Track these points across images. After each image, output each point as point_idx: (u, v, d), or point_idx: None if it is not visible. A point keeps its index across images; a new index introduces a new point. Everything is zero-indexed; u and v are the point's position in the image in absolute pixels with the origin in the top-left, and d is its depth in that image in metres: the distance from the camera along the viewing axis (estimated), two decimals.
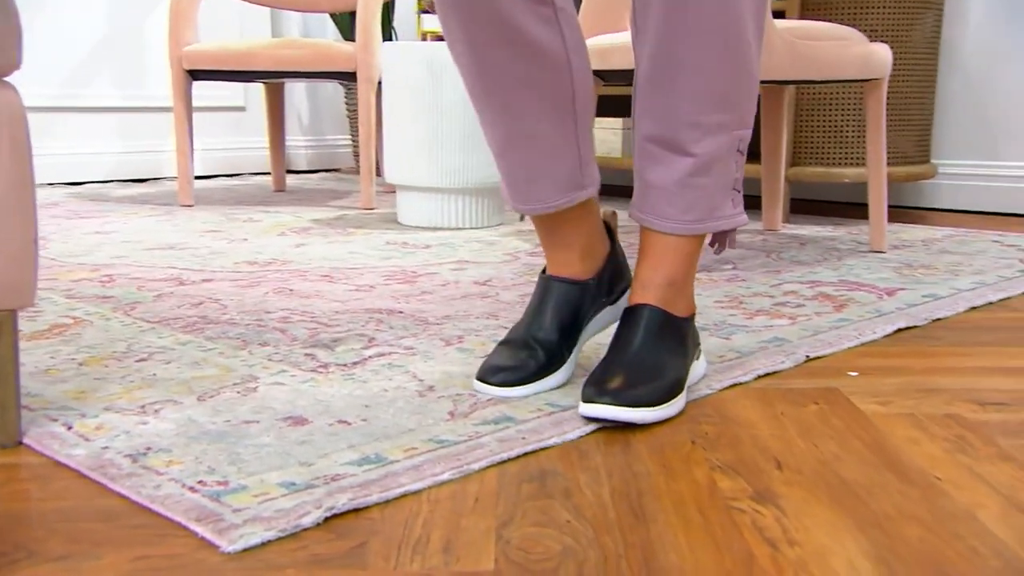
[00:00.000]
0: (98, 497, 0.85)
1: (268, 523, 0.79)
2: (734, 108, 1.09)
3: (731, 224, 1.15)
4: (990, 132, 2.89)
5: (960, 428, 1.05)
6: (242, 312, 1.52)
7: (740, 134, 1.12)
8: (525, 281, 1.79)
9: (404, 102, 2.44)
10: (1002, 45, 2.84)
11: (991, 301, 1.69)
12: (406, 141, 2.45)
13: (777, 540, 0.78)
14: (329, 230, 2.44)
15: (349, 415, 1.05)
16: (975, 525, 0.82)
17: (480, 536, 0.79)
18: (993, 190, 2.90)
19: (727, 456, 0.97)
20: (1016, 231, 2.53)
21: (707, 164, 1.11)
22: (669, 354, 1.10)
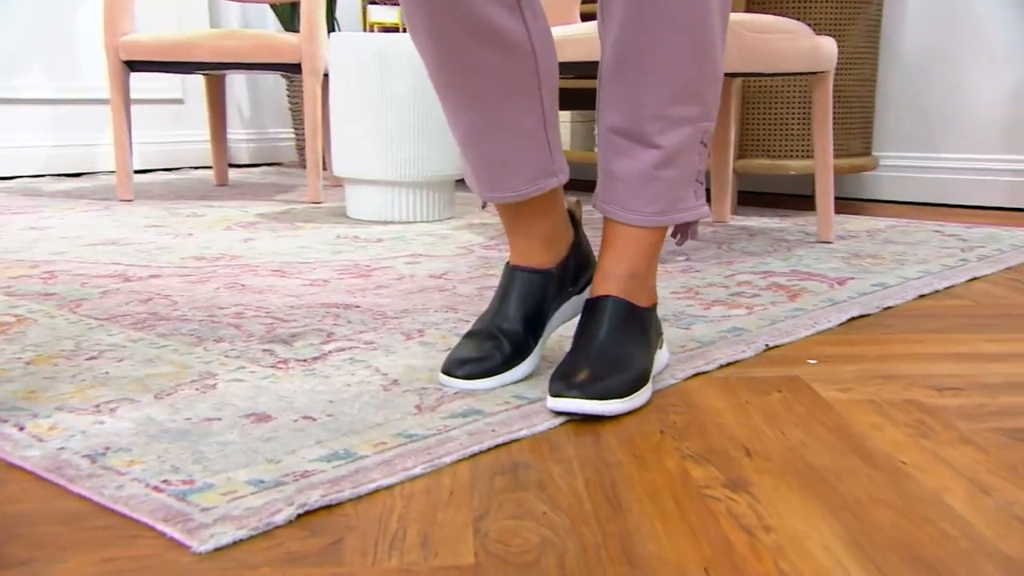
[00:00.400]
0: (58, 499, 0.83)
1: (239, 522, 0.77)
2: (699, 100, 1.09)
3: (694, 216, 1.15)
4: (928, 125, 2.95)
5: (920, 413, 1.07)
6: (194, 308, 1.49)
7: (705, 126, 1.12)
8: (481, 274, 1.78)
9: (353, 94, 2.41)
10: (938, 42, 2.90)
11: (937, 289, 1.72)
12: (355, 134, 2.42)
13: (753, 527, 0.79)
14: (277, 224, 2.40)
15: (313, 411, 1.03)
16: (943, 508, 0.83)
17: (457, 530, 0.78)
18: (931, 182, 2.96)
19: (696, 445, 0.97)
20: (954, 221, 2.59)
21: (672, 156, 1.11)
22: (634, 345, 1.11)
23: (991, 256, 2.05)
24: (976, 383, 1.18)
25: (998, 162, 2.86)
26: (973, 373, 1.22)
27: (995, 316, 1.53)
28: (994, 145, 2.86)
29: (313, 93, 2.85)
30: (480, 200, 1.22)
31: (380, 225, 2.40)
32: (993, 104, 2.84)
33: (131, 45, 2.83)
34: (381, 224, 2.42)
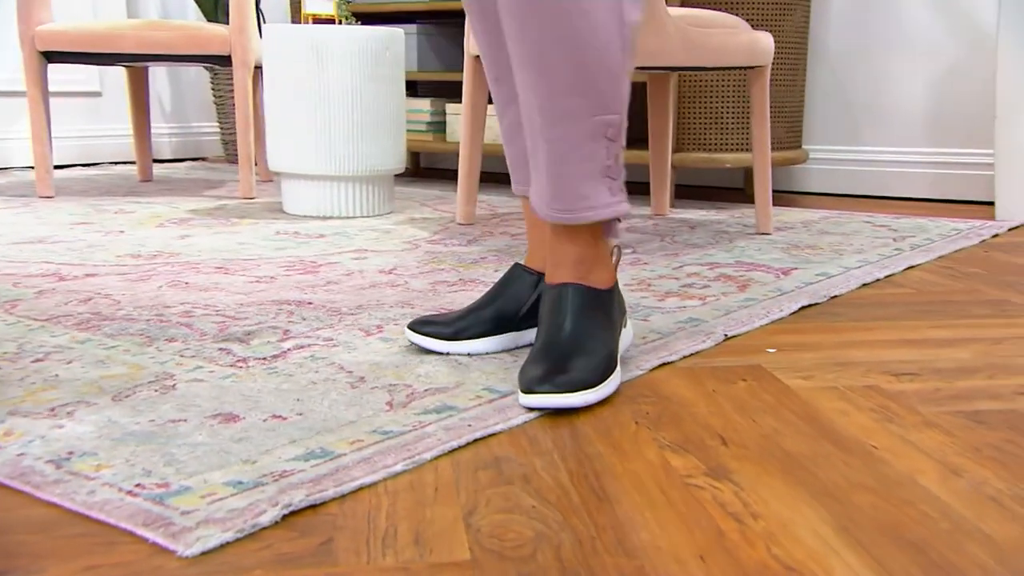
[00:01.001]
0: (24, 507, 0.80)
1: (223, 524, 0.75)
2: (586, 93, 1.05)
3: (607, 214, 1.10)
4: (854, 120, 3.02)
5: (882, 398, 1.10)
6: (138, 307, 1.45)
7: (602, 120, 1.07)
8: (431, 269, 1.77)
9: (290, 88, 2.37)
10: (860, 38, 2.97)
11: (878, 278, 1.76)
12: (292, 128, 2.38)
13: (741, 514, 0.80)
14: (212, 221, 2.35)
15: (282, 409, 1.01)
16: (919, 490, 0.85)
17: (448, 526, 0.77)
18: (858, 174, 3.03)
19: (672, 435, 0.98)
20: (882, 212, 2.66)
21: (564, 152, 1.08)
22: (598, 330, 1.10)
23: (923, 246, 2.11)
24: (930, 368, 1.21)
25: (921, 155, 2.95)
26: (925, 359, 1.25)
27: (936, 303, 1.57)
28: (917, 139, 2.95)
29: (244, 86, 2.79)
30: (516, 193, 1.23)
31: (319, 220, 2.37)
32: (916, 99, 2.93)
33: (49, 35, 2.74)
34: (320, 219, 2.38)
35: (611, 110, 1.07)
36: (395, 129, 2.45)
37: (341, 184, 2.40)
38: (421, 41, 3.28)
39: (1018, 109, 2.45)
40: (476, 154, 2.31)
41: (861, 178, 3.03)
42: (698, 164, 2.71)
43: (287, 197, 2.47)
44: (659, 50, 1.89)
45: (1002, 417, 1.03)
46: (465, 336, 1.21)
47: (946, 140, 2.90)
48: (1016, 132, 2.46)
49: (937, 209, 2.74)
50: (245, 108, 2.80)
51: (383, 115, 2.41)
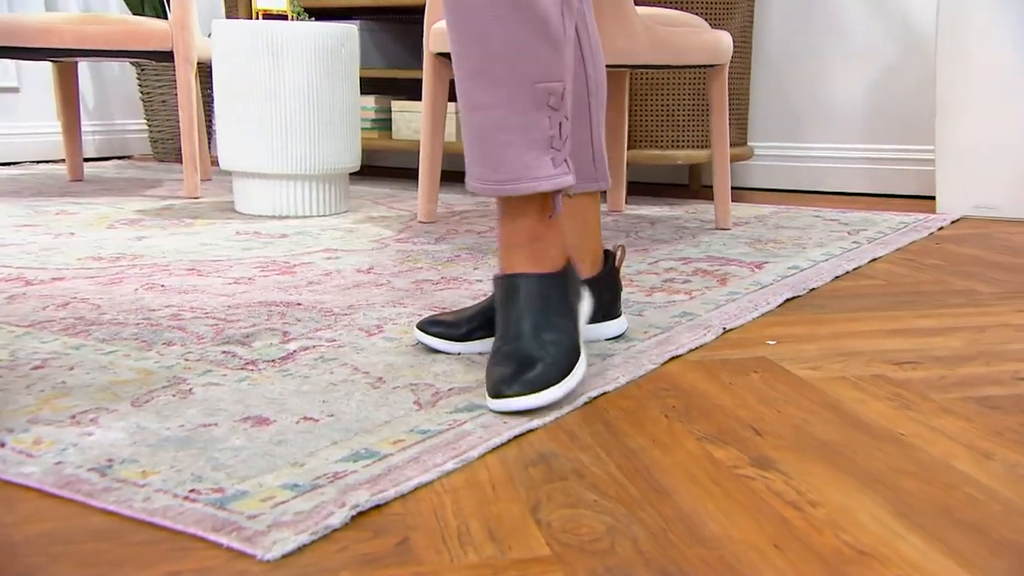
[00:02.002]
0: (80, 516, 0.78)
1: (295, 527, 0.75)
2: (526, 57, 1.03)
3: (551, 185, 1.07)
4: (796, 117, 3.10)
5: (892, 387, 1.14)
6: (122, 311, 1.42)
7: (545, 87, 1.04)
8: (409, 268, 1.76)
9: (242, 85, 2.34)
10: (801, 38, 3.05)
11: (848, 270, 1.82)
12: (246, 126, 2.34)
13: (799, 503, 0.82)
14: (164, 221, 2.30)
15: (311, 411, 1.01)
16: (957, 474, 0.89)
17: (518, 522, 0.78)
18: (800, 170, 3.12)
19: (705, 427, 1.00)
20: (827, 207, 2.74)
21: (503, 118, 1.05)
22: (556, 318, 1.08)
23: (878, 239, 2.18)
24: (928, 357, 1.26)
25: (859, 151, 3.04)
26: (920, 348, 1.30)
27: (909, 294, 1.63)
28: (856, 135, 3.04)
29: (188, 83, 2.74)
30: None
31: (276, 220, 2.34)
32: (854, 97, 3.02)
33: None
34: (276, 219, 2.35)
35: (552, 76, 1.05)
36: (351, 127, 2.44)
37: (297, 183, 2.37)
38: (364, 37, 3.26)
39: (957, 107, 2.55)
40: (437, 152, 2.30)
41: (802, 174, 3.12)
42: (651, 161, 2.76)
43: (240, 196, 2.44)
44: (627, 48, 1.92)
45: (1012, 402, 1.08)
46: (477, 336, 1.21)
47: (884, 137, 3.00)
48: (956, 129, 2.56)
49: (878, 203, 2.83)
50: (189, 106, 2.75)
51: (339, 113, 2.39)
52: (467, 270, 1.75)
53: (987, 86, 2.50)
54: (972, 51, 2.50)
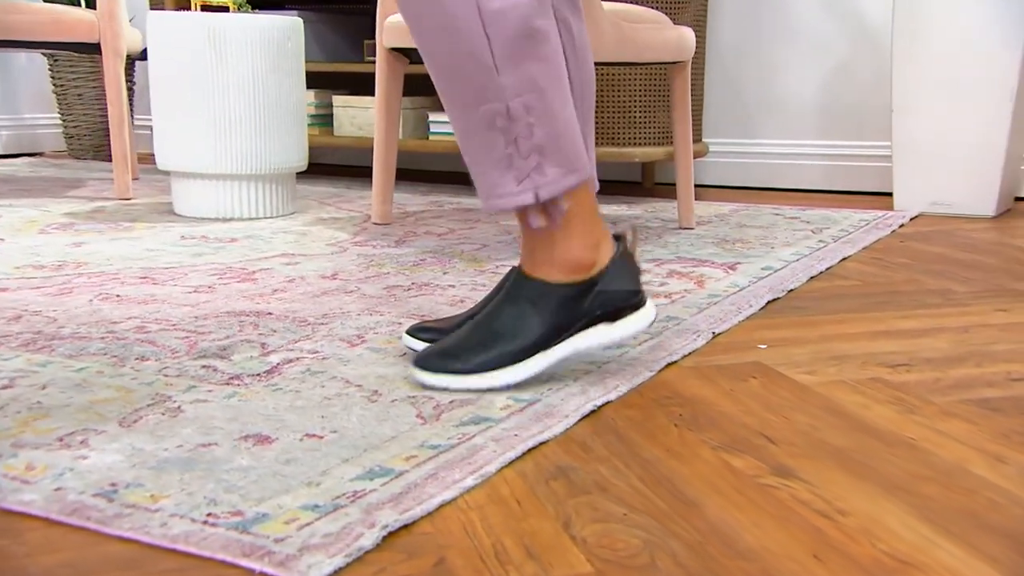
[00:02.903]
0: (95, 544, 0.77)
1: (326, 550, 0.75)
2: (462, 84, 1.09)
3: (511, 204, 1.12)
4: (749, 113, 3.17)
5: (890, 390, 1.18)
6: (82, 324, 1.40)
7: (488, 108, 1.09)
8: (375, 274, 1.77)
9: (182, 80, 2.31)
10: (753, 33, 3.12)
11: (821, 270, 1.87)
12: (186, 124, 2.32)
13: (827, 512, 0.85)
14: (99, 225, 2.26)
15: (311, 428, 1.01)
16: (975, 479, 0.93)
17: (552, 539, 0.80)
18: (754, 166, 3.18)
19: (717, 436, 1.03)
20: (785, 204, 2.80)
21: (463, 141, 1.13)
22: (513, 320, 1.14)
23: (842, 237, 2.25)
24: (919, 359, 1.31)
25: (814, 147, 3.12)
26: (909, 349, 1.35)
27: (886, 294, 1.69)
28: (809, 131, 3.12)
29: (117, 77, 2.69)
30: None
31: (220, 223, 2.31)
32: (807, 93, 3.10)
33: None
34: (221, 222, 2.33)
35: (491, 98, 1.08)
36: (297, 124, 2.42)
37: (243, 184, 2.35)
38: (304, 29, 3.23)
39: (913, 103, 2.64)
40: (391, 151, 2.31)
41: (757, 170, 3.19)
42: (607, 159, 2.79)
43: (179, 198, 2.40)
44: (595, 47, 1.94)
45: (1011, 403, 1.13)
46: None
47: (838, 133, 3.08)
48: (912, 125, 2.65)
49: (835, 200, 2.91)
50: (119, 101, 2.70)
51: (285, 109, 2.38)
52: (436, 275, 1.76)
53: (942, 82, 2.59)
54: (928, 46, 2.59)
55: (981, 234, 2.32)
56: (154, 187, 2.99)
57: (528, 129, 1.10)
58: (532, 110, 1.10)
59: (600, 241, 1.17)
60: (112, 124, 2.70)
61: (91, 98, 3.87)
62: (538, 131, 1.10)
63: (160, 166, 2.41)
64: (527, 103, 1.09)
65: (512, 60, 1.08)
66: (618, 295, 1.17)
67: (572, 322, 1.16)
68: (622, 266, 1.19)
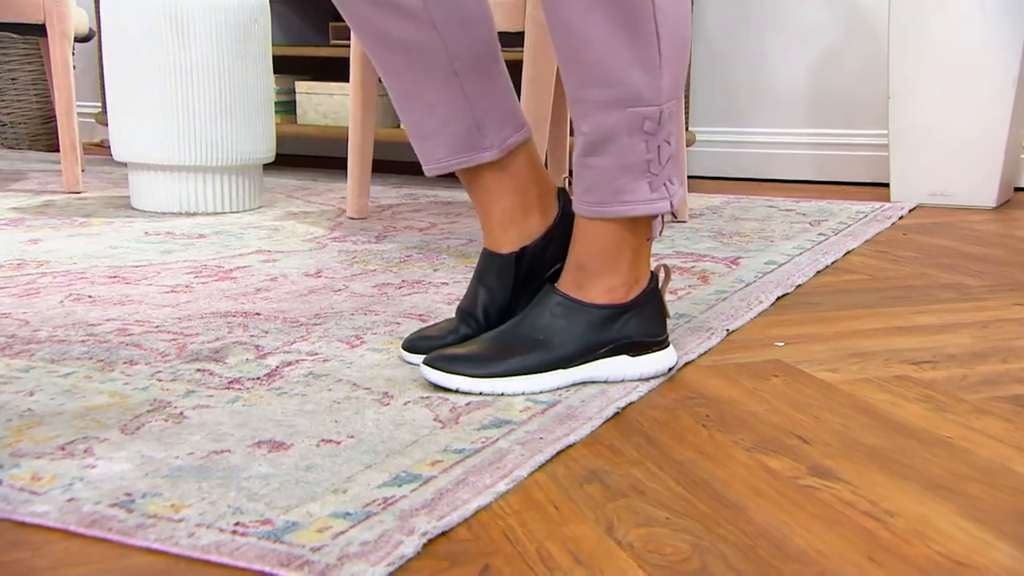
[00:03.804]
0: (120, 557, 0.79)
1: (367, 558, 0.77)
2: (618, 83, 1.10)
3: (645, 211, 1.15)
4: (737, 101, 3.22)
5: (920, 388, 1.22)
6: (58, 327, 1.40)
7: (640, 111, 1.11)
8: (361, 271, 1.78)
9: (141, 65, 2.30)
10: (740, 17, 3.17)
11: (826, 264, 1.92)
12: (145, 112, 2.31)
13: (875, 513, 0.89)
14: (52, 221, 2.25)
15: (326, 433, 1.02)
16: (1019, 478, 0.97)
17: (597, 544, 0.82)
18: (741, 156, 3.23)
19: (748, 436, 1.06)
20: (778, 196, 2.85)
21: (598, 143, 1.13)
22: (544, 332, 1.17)
23: (842, 230, 2.30)
24: (942, 355, 1.35)
25: (805, 135, 3.18)
26: (931, 346, 1.39)
27: (898, 289, 1.73)
28: (800, 119, 3.18)
29: (64, 60, 2.68)
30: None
31: (184, 218, 2.31)
32: (796, 79, 3.15)
33: None
34: (184, 216, 2.33)
35: (647, 100, 1.11)
36: (265, 113, 2.43)
37: (207, 176, 2.35)
38: None
39: (911, 89, 2.69)
40: (368, 142, 2.32)
41: (746, 160, 3.23)
42: None
43: (138, 191, 2.40)
44: None
45: None
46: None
47: (830, 121, 3.14)
48: (910, 112, 2.71)
49: (828, 191, 2.96)
50: (67, 87, 2.69)
51: (252, 97, 2.38)
52: (426, 272, 1.78)
53: (942, 68, 2.65)
54: (927, 32, 2.65)
55: (985, 226, 2.38)
56: (104, 179, 2.98)
57: (669, 135, 1.14)
58: (674, 117, 1.14)
59: (644, 272, 1.22)
60: (59, 112, 2.69)
61: (27, 83, 3.84)
62: (674, 139, 1.15)
63: (117, 157, 2.41)
64: (670, 110, 1.13)
65: (673, 62, 1.12)
66: (644, 329, 1.20)
67: (598, 346, 1.18)
68: (653, 300, 1.22)
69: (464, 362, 1.15)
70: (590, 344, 1.18)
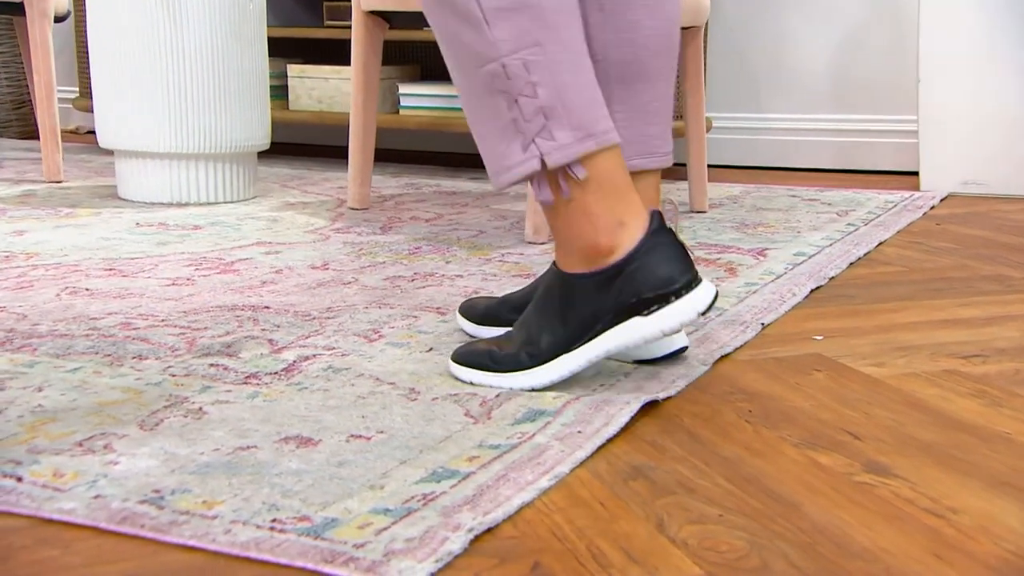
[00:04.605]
0: (156, 553, 0.80)
1: (413, 555, 0.79)
2: (459, 46, 1.14)
3: (517, 174, 1.14)
4: (755, 84, 3.24)
5: (971, 383, 1.24)
6: (58, 321, 1.41)
7: (485, 70, 1.12)
8: (370, 264, 1.80)
9: (130, 47, 2.31)
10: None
11: (859, 256, 1.94)
12: (135, 97, 2.32)
13: (936, 510, 0.90)
14: (36, 211, 2.26)
15: (355, 428, 1.04)
16: None
17: (649, 542, 0.84)
18: (762, 143, 3.25)
19: (796, 432, 1.08)
20: (799, 184, 2.87)
21: (470, 115, 1.18)
22: (536, 317, 1.20)
23: (871, 220, 2.32)
24: (991, 349, 1.37)
25: (826, 122, 3.20)
26: (978, 339, 1.41)
27: (937, 280, 1.75)
28: (821, 104, 3.19)
29: (45, 41, 2.69)
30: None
31: (176, 208, 2.32)
32: (819, 61, 3.17)
33: None
34: (176, 207, 2.34)
35: (487, 57, 1.12)
36: (260, 98, 2.44)
37: (200, 164, 2.37)
38: None
39: (942, 72, 2.71)
40: (370, 128, 2.33)
41: (765, 147, 3.25)
42: None
43: (126, 180, 2.41)
44: None
45: None
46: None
47: (854, 106, 3.16)
48: (941, 97, 2.72)
49: (853, 180, 2.98)
50: (48, 70, 2.70)
51: (247, 81, 2.40)
52: (439, 264, 1.79)
53: (974, 50, 2.67)
54: (958, 11, 2.67)
55: (1022, 215, 2.40)
56: (84, 168, 2.99)
57: (531, 88, 1.12)
58: (533, 67, 1.12)
59: (626, 220, 1.16)
60: (39, 97, 2.70)
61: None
62: (542, 90, 1.12)
63: (103, 144, 2.42)
64: (526, 60, 1.12)
65: (502, 12, 1.11)
66: (648, 281, 1.14)
67: (597, 318, 1.16)
68: (655, 246, 1.15)
69: (482, 354, 1.20)
70: (586, 318, 1.15)
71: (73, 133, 3.99)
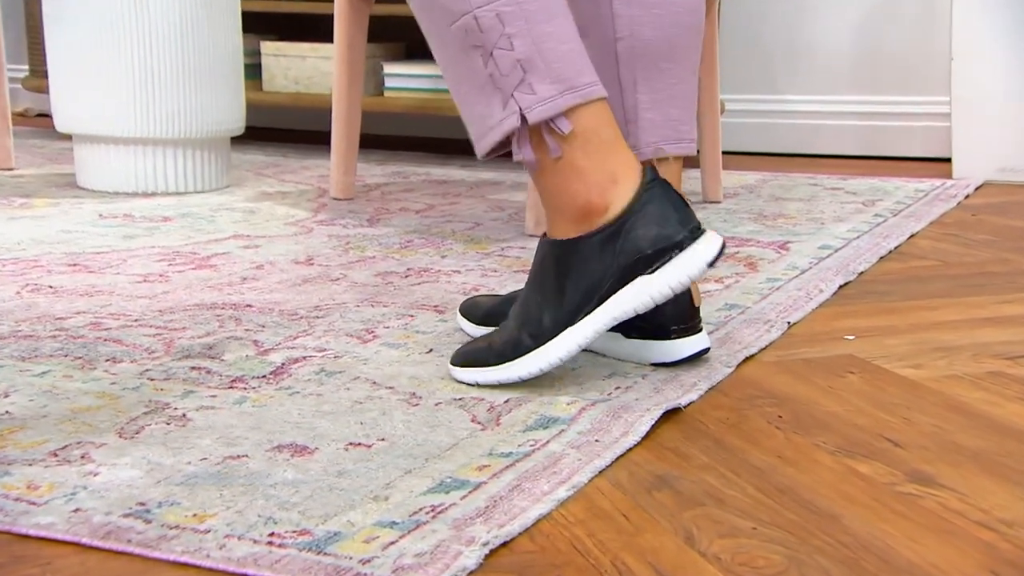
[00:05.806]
0: (145, 570, 0.81)
1: (423, 571, 0.80)
2: (431, 4, 1.18)
3: (501, 132, 1.16)
4: (771, 64, 3.25)
5: (1020, 385, 1.25)
6: (22, 321, 1.42)
7: (458, 25, 1.15)
8: (357, 257, 1.81)
9: (89, 23, 2.31)
10: None
11: (890, 249, 1.96)
12: (96, 78, 2.33)
13: (989, 523, 0.92)
14: None
15: (353, 435, 1.05)
16: None
17: (679, 556, 0.85)
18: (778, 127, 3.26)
19: (831, 439, 1.09)
20: (820, 172, 2.89)
21: (448, 77, 1.21)
22: (533, 295, 1.21)
23: (901, 210, 2.34)
24: None
25: (848, 104, 3.21)
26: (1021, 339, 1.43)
27: (976, 276, 1.77)
28: (843, 85, 3.21)
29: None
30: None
31: (141, 198, 2.33)
32: (840, 38, 3.18)
33: None
34: (142, 197, 2.35)
35: (453, 11, 1.15)
36: (233, 77, 2.45)
37: (168, 150, 2.37)
38: None
39: (977, 49, 2.73)
40: (355, 111, 2.34)
41: (782, 132, 3.26)
42: None
43: (86, 168, 2.42)
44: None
45: None
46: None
47: (879, 87, 3.17)
48: (975, 77, 2.74)
49: (879, 167, 3.00)
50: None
51: (219, 59, 2.40)
52: (433, 259, 1.80)
53: (1014, 22, 2.69)
54: None
55: None
56: (37, 154, 2.99)
57: (507, 41, 1.14)
58: (507, 18, 1.14)
59: (618, 175, 1.16)
60: None
61: None
62: (518, 42, 1.14)
63: (60, 128, 2.42)
64: (499, 11, 1.14)
65: None
66: (648, 237, 1.14)
67: (600, 284, 1.16)
68: (651, 199, 1.16)
69: (479, 349, 1.22)
70: (588, 286, 1.16)
71: (22, 116, 3.98)
